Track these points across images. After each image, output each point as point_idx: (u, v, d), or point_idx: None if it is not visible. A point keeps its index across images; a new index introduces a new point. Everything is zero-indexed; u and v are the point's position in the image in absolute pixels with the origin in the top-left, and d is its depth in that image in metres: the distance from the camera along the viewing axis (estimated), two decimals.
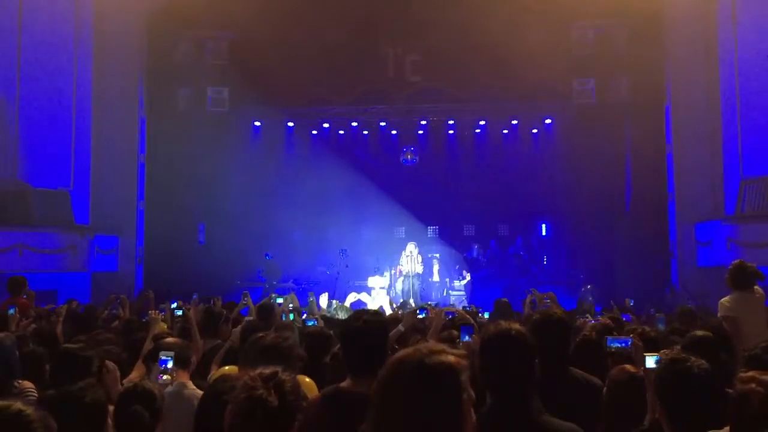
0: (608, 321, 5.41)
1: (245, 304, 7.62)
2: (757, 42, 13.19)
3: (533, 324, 3.38)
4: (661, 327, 6.07)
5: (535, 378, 2.54)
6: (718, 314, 6.02)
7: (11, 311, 5.70)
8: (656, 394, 2.74)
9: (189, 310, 6.12)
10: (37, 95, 13.63)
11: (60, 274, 13.17)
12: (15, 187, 13.15)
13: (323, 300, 12.57)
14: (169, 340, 4.61)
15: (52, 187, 13.73)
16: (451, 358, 1.68)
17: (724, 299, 6.06)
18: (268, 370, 2.05)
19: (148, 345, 4.72)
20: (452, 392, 1.63)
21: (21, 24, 13.40)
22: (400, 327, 4.95)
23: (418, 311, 5.53)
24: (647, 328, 4.60)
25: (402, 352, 1.73)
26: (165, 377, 3.71)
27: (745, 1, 13.53)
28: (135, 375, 4.30)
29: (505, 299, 10.19)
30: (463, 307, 11.78)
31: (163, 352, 3.84)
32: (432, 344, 1.76)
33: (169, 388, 3.67)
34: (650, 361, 2.98)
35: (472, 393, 1.69)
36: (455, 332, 4.47)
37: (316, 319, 6.91)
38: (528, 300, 7.77)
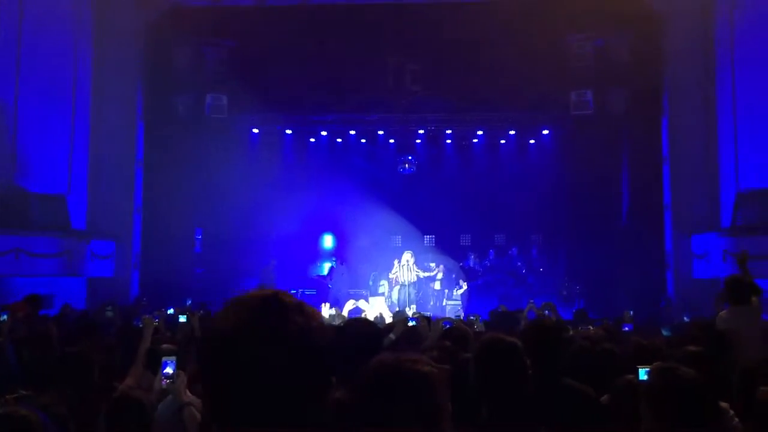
0: (602, 331, 5.43)
1: None
2: (754, 55, 13.27)
3: (523, 334, 3.40)
4: (665, 333, 6.07)
5: (529, 388, 2.56)
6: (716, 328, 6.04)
7: (3, 317, 5.67)
8: (648, 404, 2.76)
9: (194, 315, 6.11)
10: (36, 100, 13.64)
11: (56, 279, 13.15)
12: (12, 191, 13.15)
13: (324, 310, 12.56)
14: (166, 346, 4.61)
15: (50, 192, 13.72)
16: (426, 368, 1.73)
17: (722, 313, 6.09)
18: None
19: (143, 348, 4.71)
20: (426, 400, 1.68)
21: (20, 29, 13.43)
22: (391, 335, 4.95)
23: (407, 319, 5.51)
24: (656, 341, 4.61)
25: (381, 358, 1.78)
26: (167, 381, 3.68)
27: (742, 15, 13.62)
28: (131, 381, 4.30)
29: (503, 307, 10.23)
30: (458, 317, 11.82)
31: (165, 357, 3.81)
32: (411, 354, 1.80)
33: (169, 397, 3.63)
34: (643, 373, 3.00)
35: (449, 407, 1.74)
36: (448, 343, 4.48)
37: None
38: (524, 312, 7.78)
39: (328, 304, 13.09)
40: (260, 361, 1.19)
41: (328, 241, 19.05)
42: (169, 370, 3.70)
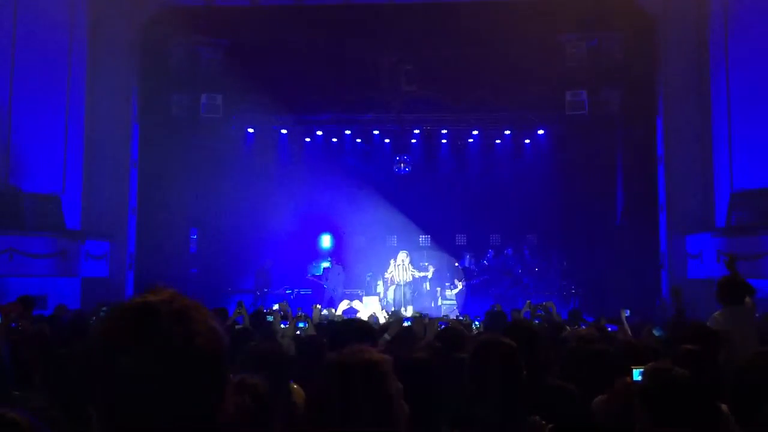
0: (593, 331, 5.44)
1: (239, 312, 7.58)
2: (749, 54, 13.30)
3: (503, 334, 3.41)
4: (657, 333, 6.07)
5: (522, 388, 2.56)
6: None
7: None
8: (641, 404, 2.76)
9: None
10: (30, 99, 13.59)
11: (50, 279, 13.11)
12: (6, 191, 13.10)
13: (315, 311, 12.55)
14: None
15: (44, 192, 13.68)
16: (374, 356, 1.87)
17: (716, 314, 6.08)
18: (235, 379, 2.10)
19: None
20: (376, 383, 1.80)
21: (15, 28, 13.38)
22: (386, 336, 4.94)
23: (403, 320, 5.52)
24: (646, 341, 4.61)
25: (330, 356, 1.92)
26: None
27: (737, 15, 13.66)
28: None
29: (498, 306, 10.24)
30: (456, 317, 11.84)
31: None
32: (356, 346, 1.91)
33: None
34: (637, 374, 3.01)
35: (399, 385, 1.88)
36: (438, 344, 4.48)
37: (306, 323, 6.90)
38: (521, 312, 7.82)
39: (318, 306, 13.09)
40: (132, 373, 1.17)
41: (326, 241, 19.04)
42: None
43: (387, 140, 18.82)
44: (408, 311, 13.68)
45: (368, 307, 14.87)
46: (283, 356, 3.67)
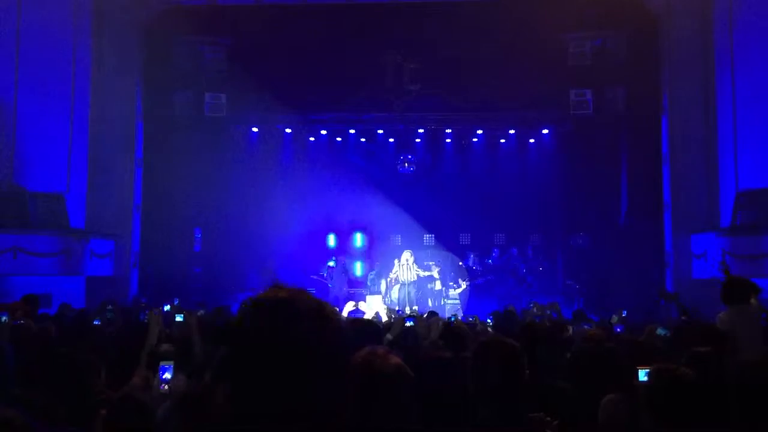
0: (600, 332, 5.43)
1: None
2: (754, 53, 13.25)
3: (511, 335, 3.40)
4: (661, 333, 6.04)
5: (524, 388, 2.56)
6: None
7: (4, 318, 5.67)
8: (648, 405, 2.75)
9: (191, 315, 6.08)
10: (35, 99, 13.62)
11: (54, 277, 13.13)
12: (11, 190, 13.13)
13: None
14: (165, 347, 4.59)
15: (48, 191, 13.70)
16: (396, 360, 1.88)
17: (722, 314, 6.06)
18: None
19: (149, 345, 4.68)
20: (399, 389, 1.84)
21: (19, 27, 13.42)
22: (389, 336, 4.93)
23: (405, 320, 5.51)
24: (656, 343, 4.58)
25: (355, 358, 1.88)
26: (166, 386, 3.67)
27: (742, 13, 13.61)
28: (137, 380, 4.25)
29: (512, 307, 10.22)
30: (464, 317, 11.83)
31: (163, 361, 3.79)
32: (378, 349, 1.91)
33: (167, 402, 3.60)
34: (642, 374, 2.99)
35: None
36: (441, 342, 4.47)
37: None
38: (530, 314, 7.83)
39: None
40: (272, 367, 1.23)
41: (332, 241, 19.03)
42: (167, 375, 3.69)
43: (391, 139, 18.80)
44: (409, 310, 13.66)
45: (371, 307, 14.85)
46: None
